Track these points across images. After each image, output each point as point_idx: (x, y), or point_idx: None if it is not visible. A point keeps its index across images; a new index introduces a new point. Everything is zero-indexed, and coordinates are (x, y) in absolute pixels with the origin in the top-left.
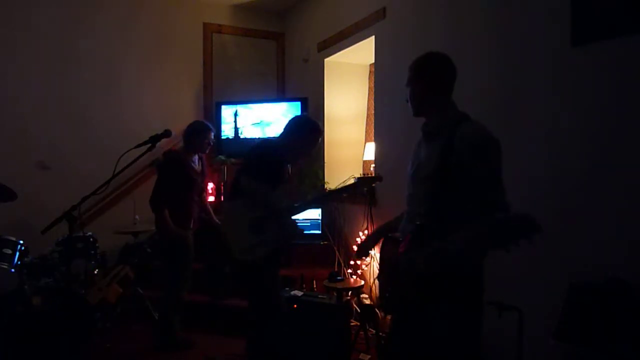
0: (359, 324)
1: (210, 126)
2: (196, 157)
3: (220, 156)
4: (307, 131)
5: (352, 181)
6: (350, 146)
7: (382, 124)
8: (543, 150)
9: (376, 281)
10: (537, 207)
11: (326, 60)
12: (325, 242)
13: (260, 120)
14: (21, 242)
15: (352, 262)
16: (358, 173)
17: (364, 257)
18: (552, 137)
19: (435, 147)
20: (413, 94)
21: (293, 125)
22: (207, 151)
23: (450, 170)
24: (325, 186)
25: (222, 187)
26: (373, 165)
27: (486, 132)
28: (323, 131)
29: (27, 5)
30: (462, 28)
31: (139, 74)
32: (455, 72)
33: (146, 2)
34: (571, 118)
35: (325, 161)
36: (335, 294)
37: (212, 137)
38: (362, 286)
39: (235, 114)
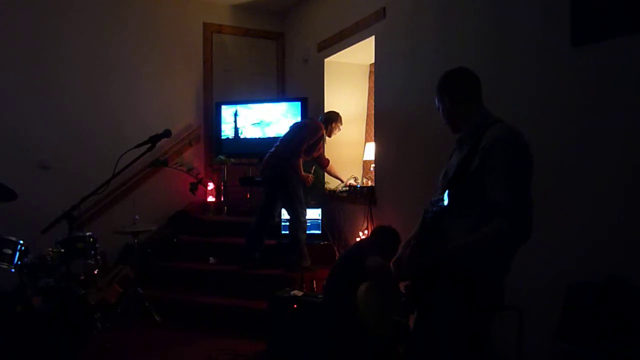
0: None
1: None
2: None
3: (220, 156)
4: None
5: (352, 181)
6: (350, 146)
7: (382, 124)
8: (542, 150)
9: None
10: (537, 208)
11: (326, 60)
12: (326, 242)
13: (260, 120)
14: (21, 242)
15: None
16: (358, 173)
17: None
18: (551, 137)
19: (463, 152)
20: (443, 112)
21: None
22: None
23: (472, 172)
24: (326, 186)
25: (222, 187)
26: (373, 165)
27: (512, 133)
28: None
29: (27, 6)
30: (461, 28)
31: (138, 74)
32: (476, 80)
33: (146, 2)
34: (571, 118)
35: None
36: None
37: (340, 127)
38: None
39: (235, 114)
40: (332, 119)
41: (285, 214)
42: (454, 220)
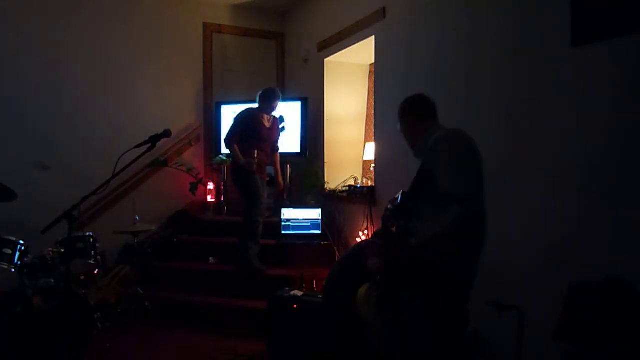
0: None
1: (278, 94)
2: (267, 116)
3: (220, 156)
4: None
5: (352, 181)
6: (350, 146)
7: (382, 124)
8: (542, 150)
9: None
10: (537, 208)
11: (326, 60)
12: (325, 242)
13: None
14: (21, 242)
15: None
16: (358, 173)
17: None
18: (551, 138)
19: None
20: (405, 133)
21: None
22: (272, 113)
23: (425, 171)
24: (326, 186)
25: (222, 187)
26: (373, 165)
27: (453, 132)
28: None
29: (27, 5)
30: (461, 28)
31: (139, 74)
32: (432, 103)
33: (146, 2)
34: (571, 119)
35: (326, 161)
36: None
37: (278, 103)
38: None
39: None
40: (264, 96)
41: (283, 214)
42: (420, 218)
